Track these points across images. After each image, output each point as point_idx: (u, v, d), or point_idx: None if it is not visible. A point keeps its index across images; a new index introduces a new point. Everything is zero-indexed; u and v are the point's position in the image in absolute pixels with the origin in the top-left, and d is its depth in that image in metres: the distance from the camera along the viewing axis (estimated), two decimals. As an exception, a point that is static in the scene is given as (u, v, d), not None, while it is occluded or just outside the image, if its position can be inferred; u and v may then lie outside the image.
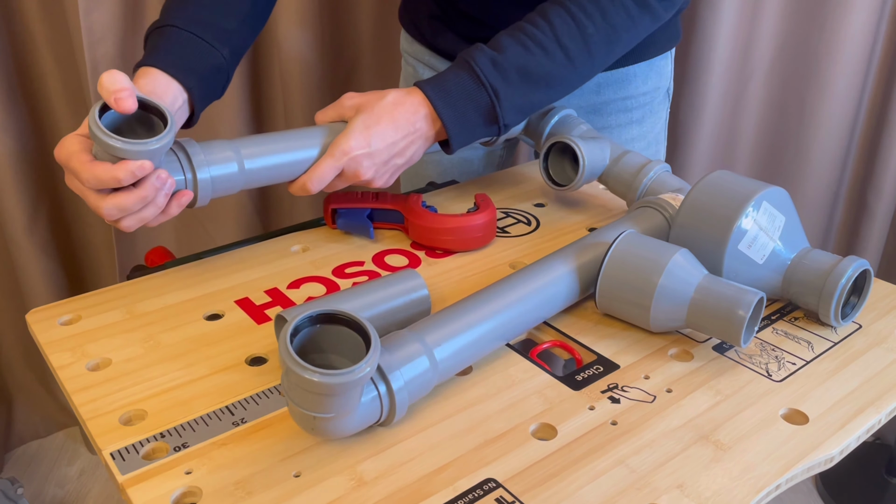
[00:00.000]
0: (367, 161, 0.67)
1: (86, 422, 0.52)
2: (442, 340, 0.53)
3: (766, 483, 0.47)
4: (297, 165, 0.67)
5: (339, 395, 0.45)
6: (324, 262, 0.72)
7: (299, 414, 0.47)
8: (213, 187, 0.62)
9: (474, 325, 0.56)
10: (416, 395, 0.52)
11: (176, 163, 0.61)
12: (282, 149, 0.66)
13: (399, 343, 0.52)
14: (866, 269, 0.62)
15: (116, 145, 0.54)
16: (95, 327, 0.62)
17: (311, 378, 0.43)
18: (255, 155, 0.65)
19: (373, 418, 0.50)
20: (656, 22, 0.75)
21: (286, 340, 0.44)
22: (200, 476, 0.47)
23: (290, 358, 0.44)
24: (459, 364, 0.55)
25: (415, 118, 0.68)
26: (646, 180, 0.75)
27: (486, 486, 0.47)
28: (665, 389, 0.55)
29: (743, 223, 0.60)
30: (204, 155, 0.62)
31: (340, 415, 0.46)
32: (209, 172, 0.61)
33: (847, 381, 0.56)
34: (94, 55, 1.17)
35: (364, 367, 0.44)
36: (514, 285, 0.60)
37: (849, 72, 1.28)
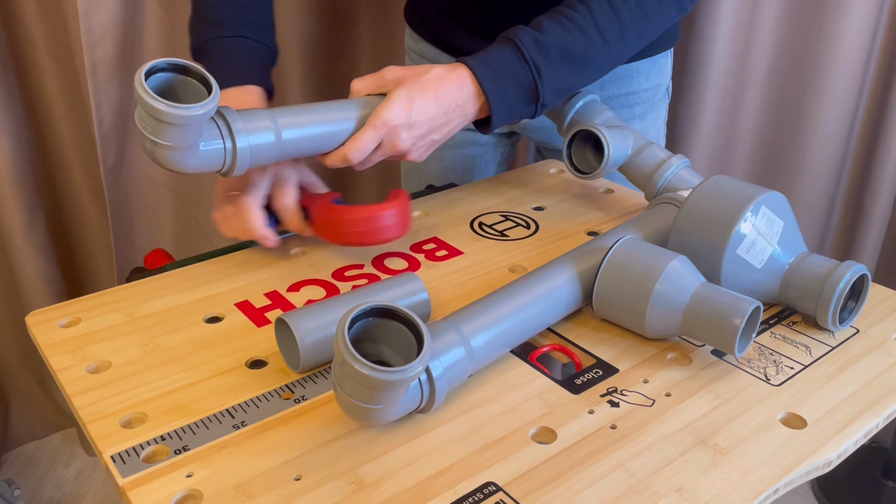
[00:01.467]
0: (405, 133, 0.67)
1: (86, 424, 0.52)
2: (477, 331, 0.55)
3: (765, 487, 0.47)
4: (333, 137, 0.67)
5: (391, 391, 0.46)
6: (323, 266, 0.72)
7: (348, 403, 0.48)
8: (251, 156, 0.62)
9: (507, 316, 0.57)
10: (454, 383, 0.53)
11: (215, 129, 0.60)
12: (319, 120, 0.66)
13: (436, 332, 0.53)
14: (864, 274, 0.62)
15: (162, 108, 0.54)
16: (95, 330, 0.62)
17: (367, 374, 0.44)
18: (292, 125, 0.64)
19: (413, 405, 0.51)
20: (682, 12, 0.77)
21: (344, 332, 0.45)
22: (201, 479, 0.47)
23: (347, 351, 0.44)
24: (492, 354, 0.57)
25: (459, 93, 0.68)
26: (667, 174, 0.75)
27: (487, 490, 0.47)
28: (664, 393, 0.56)
29: (741, 228, 0.61)
30: (243, 122, 0.61)
31: (389, 406, 0.48)
32: (248, 141, 0.61)
33: (845, 385, 0.57)
34: (94, 56, 1.17)
35: (417, 367, 0.45)
36: (539, 281, 0.61)
37: (846, 76, 1.29)
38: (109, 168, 1.26)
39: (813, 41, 1.28)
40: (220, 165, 0.62)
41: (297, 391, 0.55)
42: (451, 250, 0.76)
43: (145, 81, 0.54)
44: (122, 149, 1.26)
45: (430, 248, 0.76)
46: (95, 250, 1.41)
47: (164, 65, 0.56)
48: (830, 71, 1.28)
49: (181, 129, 0.56)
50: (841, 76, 1.29)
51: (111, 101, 1.21)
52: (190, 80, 0.57)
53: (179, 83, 0.57)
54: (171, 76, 0.57)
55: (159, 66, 0.56)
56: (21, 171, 1.27)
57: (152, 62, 0.55)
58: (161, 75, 0.56)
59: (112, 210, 1.29)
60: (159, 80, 0.56)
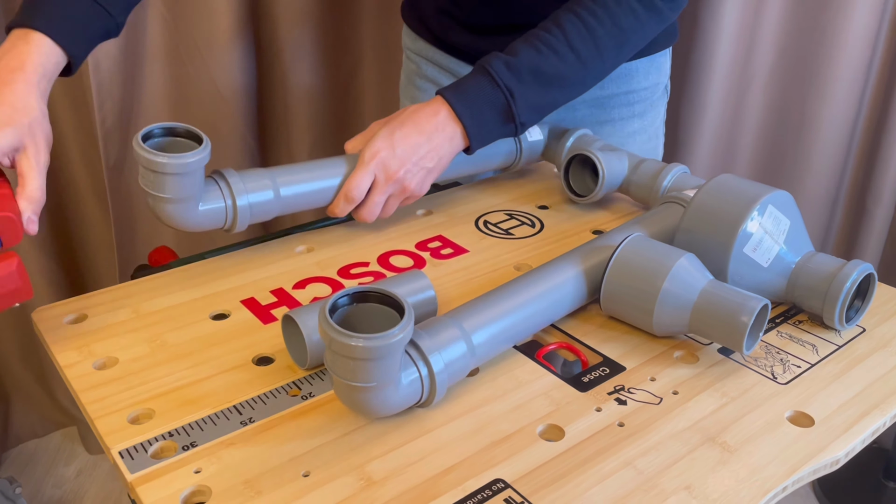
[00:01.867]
0: (393, 162, 0.71)
1: (94, 420, 0.52)
2: (479, 327, 0.55)
3: (773, 485, 0.47)
4: (330, 191, 0.72)
5: (377, 360, 0.46)
6: (329, 263, 0.72)
7: (343, 388, 0.49)
8: (251, 213, 0.67)
9: (509, 312, 0.57)
10: (455, 378, 0.53)
11: (217, 191, 0.66)
12: (315, 176, 0.71)
13: (438, 327, 0.53)
14: (870, 274, 0.62)
15: (155, 159, 0.59)
16: (101, 326, 0.62)
17: (351, 343, 0.45)
18: (290, 182, 0.69)
19: (414, 398, 0.51)
20: (663, 23, 0.77)
21: (325, 313, 0.46)
22: (209, 475, 0.47)
23: (330, 327, 0.45)
24: (494, 350, 0.57)
25: (436, 119, 0.72)
26: (666, 180, 0.77)
27: (495, 487, 0.47)
28: (671, 391, 0.56)
29: (748, 226, 0.61)
30: (242, 182, 0.66)
31: (381, 384, 0.48)
32: (248, 199, 0.66)
33: (852, 384, 0.57)
34: (97, 54, 1.17)
35: (398, 333, 0.45)
36: (542, 278, 0.61)
37: (849, 77, 1.29)
38: (112, 166, 1.26)
39: (816, 42, 1.28)
40: (222, 222, 0.67)
41: (305, 388, 0.55)
42: (456, 248, 0.76)
43: (143, 143, 0.60)
44: (124, 146, 1.26)
45: (436, 247, 0.76)
46: (97, 248, 1.41)
47: (159, 130, 0.63)
48: (833, 72, 1.28)
49: (177, 180, 0.61)
50: (844, 77, 1.29)
51: (114, 99, 1.21)
52: (185, 141, 0.63)
53: (175, 144, 0.63)
54: (167, 139, 0.63)
55: (155, 133, 0.62)
56: (23, 169, 1.26)
57: (148, 127, 0.62)
58: (158, 140, 0.62)
59: (114, 208, 1.29)
60: (157, 143, 0.62)
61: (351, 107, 1.39)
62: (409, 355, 0.51)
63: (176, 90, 1.27)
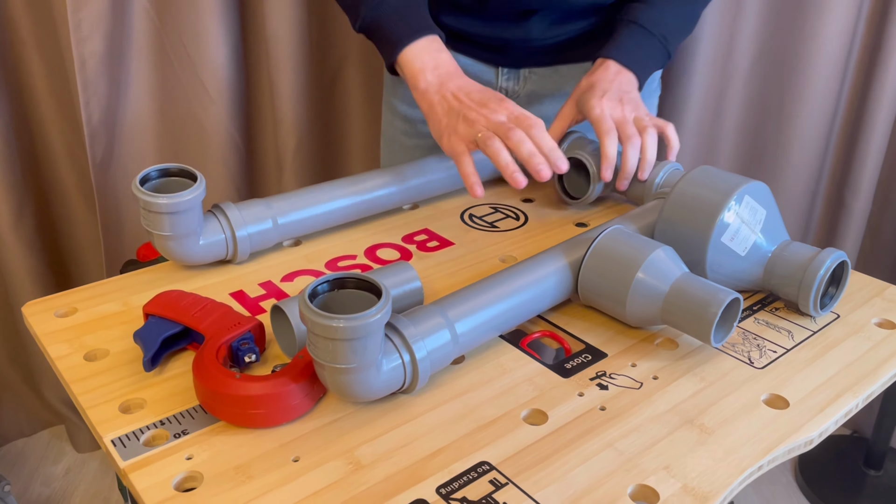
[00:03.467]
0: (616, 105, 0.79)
1: (86, 410, 0.53)
2: (462, 316, 0.56)
3: (749, 464, 0.49)
4: (325, 216, 0.75)
5: (356, 340, 0.47)
6: (316, 256, 0.73)
7: (325, 371, 0.50)
8: (250, 243, 0.70)
9: (492, 303, 0.58)
10: (438, 366, 0.55)
11: (216, 224, 0.68)
12: (309, 202, 0.74)
13: (423, 316, 0.54)
14: (844, 261, 0.64)
15: (151, 200, 0.62)
16: (92, 319, 0.63)
17: (330, 324, 0.46)
18: (286, 211, 0.72)
19: (396, 384, 0.52)
20: None
21: (305, 299, 0.47)
22: (201, 462, 0.48)
23: (310, 310, 0.47)
24: (477, 339, 0.58)
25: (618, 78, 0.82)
26: (658, 179, 0.78)
27: (480, 469, 0.48)
28: (651, 376, 0.57)
29: (726, 216, 0.62)
30: (241, 215, 0.69)
31: (361, 365, 0.49)
32: (247, 231, 0.69)
33: (826, 368, 0.59)
34: (82, 52, 1.17)
35: (375, 313, 0.47)
36: (528, 270, 0.62)
37: (827, 74, 1.31)
38: (98, 164, 1.26)
39: (794, 40, 1.31)
40: (224, 254, 0.69)
41: (294, 377, 0.56)
42: (442, 241, 0.77)
43: (141, 186, 0.63)
44: (110, 145, 1.27)
45: (422, 240, 0.77)
46: (84, 246, 1.41)
47: (155, 172, 0.65)
48: (812, 68, 1.31)
49: (176, 218, 0.63)
50: (822, 74, 1.31)
51: (100, 97, 1.21)
52: (180, 180, 0.65)
53: (171, 183, 0.65)
54: (163, 180, 0.65)
55: (152, 175, 0.65)
56: (9, 168, 1.26)
57: (144, 171, 0.65)
58: (155, 182, 0.65)
59: (101, 206, 1.29)
60: (154, 184, 0.65)
61: (337, 104, 1.40)
62: (392, 342, 0.52)
63: (162, 88, 1.28)
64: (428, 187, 0.82)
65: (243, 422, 0.51)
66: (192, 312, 0.57)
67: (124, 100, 1.25)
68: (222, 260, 0.70)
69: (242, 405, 0.50)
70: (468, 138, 0.71)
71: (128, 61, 1.23)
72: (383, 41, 0.79)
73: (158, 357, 0.56)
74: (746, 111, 1.39)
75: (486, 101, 0.73)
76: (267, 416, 0.50)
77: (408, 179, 0.80)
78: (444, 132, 0.74)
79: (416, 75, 0.77)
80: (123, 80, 1.24)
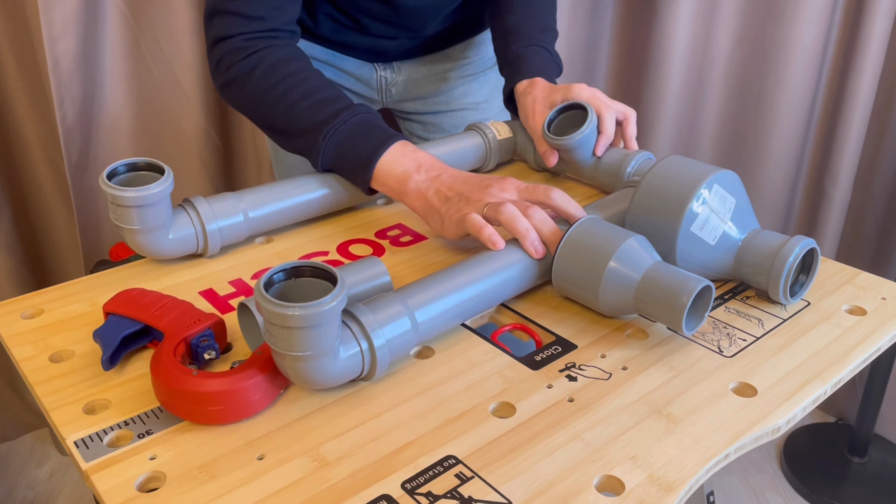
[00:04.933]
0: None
1: (49, 412, 0.52)
2: (424, 303, 0.56)
3: (715, 452, 0.49)
4: (297, 208, 0.74)
5: (311, 328, 0.47)
6: (288, 253, 0.72)
7: (282, 359, 0.49)
8: (221, 237, 0.69)
9: (455, 290, 0.58)
10: (398, 353, 0.55)
11: (186, 218, 0.68)
12: (281, 196, 0.73)
13: (382, 304, 0.54)
14: (813, 248, 0.64)
15: (118, 193, 0.62)
16: (58, 320, 0.62)
17: (285, 312, 0.46)
18: (257, 204, 0.72)
19: (354, 372, 0.52)
20: None
21: (260, 288, 0.47)
22: (164, 461, 0.48)
23: (265, 299, 0.47)
24: (439, 327, 0.58)
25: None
26: (629, 168, 0.79)
27: (446, 463, 0.48)
28: (621, 367, 0.57)
29: (694, 206, 0.62)
30: (211, 209, 0.69)
31: (317, 353, 0.48)
32: (217, 224, 0.69)
33: (795, 355, 0.59)
34: (55, 52, 1.16)
35: (330, 301, 0.47)
36: (492, 258, 0.62)
37: (805, 62, 1.31)
38: (74, 164, 1.25)
39: (772, 29, 1.31)
40: (194, 248, 0.69)
41: (261, 374, 0.56)
42: (415, 236, 0.76)
43: (108, 181, 0.63)
44: (86, 144, 1.25)
45: (395, 234, 0.77)
46: (63, 246, 1.40)
47: (123, 167, 0.65)
48: (790, 56, 1.31)
49: (143, 211, 0.63)
50: (800, 63, 1.31)
51: (74, 96, 1.20)
52: (148, 174, 0.65)
53: (139, 177, 0.65)
54: (131, 174, 0.65)
55: (120, 170, 0.64)
56: (-16, 169, 1.25)
57: (112, 165, 0.64)
58: (123, 176, 0.65)
59: (78, 206, 1.28)
60: (122, 179, 0.65)
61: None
62: (350, 330, 0.52)
63: (137, 87, 1.27)
64: None
65: (203, 419, 0.50)
66: (152, 310, 0.57)
67: (99, 99, 1.24)
68: (193, 254, 0.70)
69: (200, 402, 0.49)
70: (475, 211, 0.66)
71: (101, 60, 1.22)
72: (353, 164, 0.73)
73: (118, 356, 0.56)
74: (725, 101, 1.39)
75: (489, 183, 0.68)
76: (225, 412, 0.50)
77: None
78: (446, 218, 0.68)
79: (401, 180, 0.71)
80: (98, 79, 1.23)
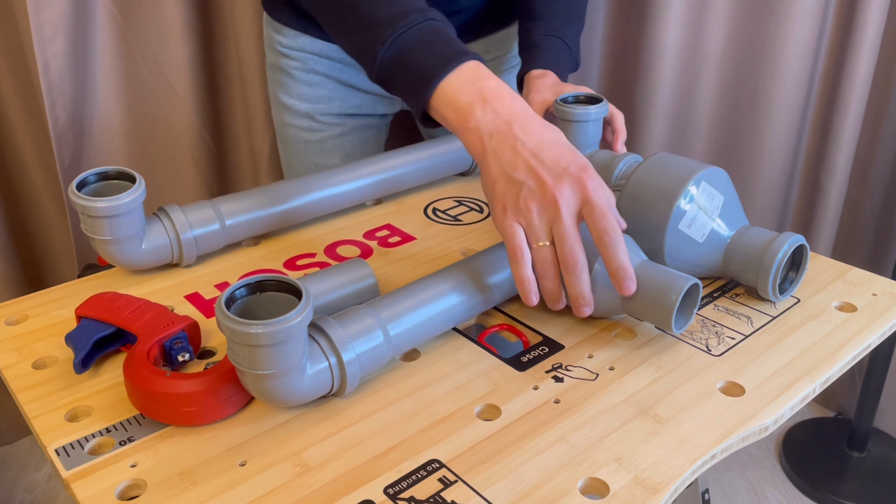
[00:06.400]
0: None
1: (31, 420, 0.52)
2: (397, 316, 0.55)
3: (702, 453, 0.49)
4: (275, 216, 0.73)
5: (274, 345, 0.46)
6: (275, 255, 0.72)
7: (246, 377, 0.49)
8: (196, 245, 0.68)
9: (431, 301, 0.57)
10: (369, 368, 0.53)
11: (160, 227, 0.67)
12: (258, 204, 0.72)
13: (354, 317, 0.53)
14: (802, 245, 0.63)
15: (87, 204, 0.61)
16: (42, 326, 0.62)
17: (247, 330, 0.45)
18: (234, 212, 0.71)
19: (324, 388, 0.51)
20: None
21: (221, 305, 0.46)
22: (146, 469, 0.47)
23: (225, 317, 0.45)
24: (414, 339, 0.56)
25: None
26: (616, 171, 0.77)
27: (430, 467, 0.48)
28: (608, 367, 0.57)
29: (682, 203, 0.62)
30: (186, 218, 0.67)
31: (282, 371, 0.47)
32: (192, 233, 0.68)
33: (783, 353, 0.58)
34: (45, 54, 1.15)
35: (294, 317, 0.45)
36: (470, 267, 0.61)
37: (799, 55, 1.30)
38: (67, 167, 1.24)
39: (765, 20, 1.30)
40: (169, 257, 0.68)
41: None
42: (404, 236, 0.76)
43: (78, 192, 0.61)
44: (78, 146, 1.25)
45: (384, 235, 0.76)
46: (57, 250, 1.40)
47: (93, 176, 0.63)
48: (783, 51, 1.30)
49: (114, 221, 0.62)
50: (794, 56, 1.30)
51: (65, 100, 1.20)
52: (120, 182, 0.64)
53: (111, 186, 0.64)
54: (102, 184, 0.64)
55: (90, 180, 0.63)
56: (-24, 173, 1.25)
57: (81, 175, 0.63)
58: (94, 186, 0.64)
59: (71, 208, 1.28)
60: (93, 188, 0.64)
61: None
62: (318, 344, 0.51)
63: (129, 88, 1.26)
64: (390, 183, 0.81)
65: (179, 420, 0.50)
66: (125, 313, 0.56)
67: (91, 101, 1.24)
68: (169, 263, 0.69)
69: (173, 403, 0.49)
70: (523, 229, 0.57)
71: (92, 62, 1.22)
72: (411, 81, 0.60)
73: (90, 359, 0.55)
74: (720, 96, 1.38)
75: (558, 174, 0.55)
76: (200, 412, 0.50)
77: (369, 176, 0.79)
78: (498, 201, 0.57)
79: (463, 114, 0.58)
80: (89, 82, 1.22)
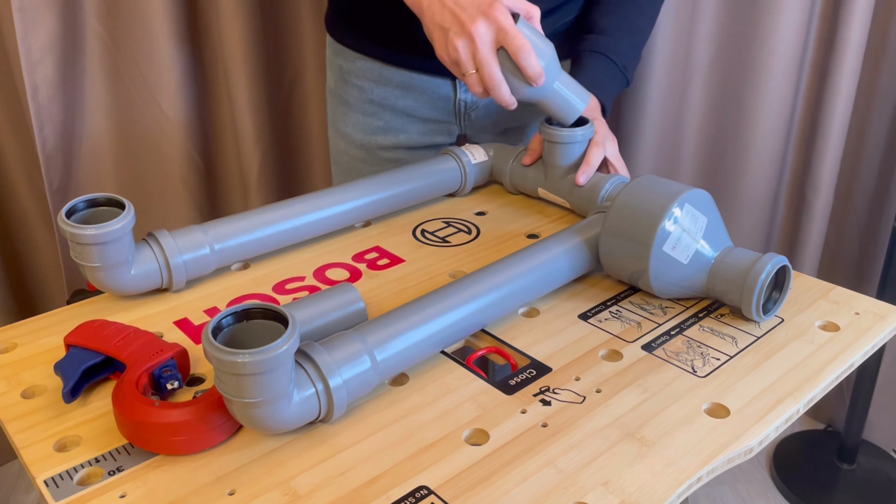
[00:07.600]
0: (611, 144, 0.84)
1: (20, 450, 0.52)
2: (384, 341, 0.55)
3: (688, 476, 0.49)
4: (265, 240, 0.74)
5: (261, 374, 0.46)
6: (264, 279, 0.72)
7: (233, 405, 0.49)
8: (186, 270, 0.68)
9: (417, 325, 0.57)
10: (357, 394, 0.53)
11: (149, 253, 0.67)
12: (248, 227, 0.73)
13: (340, 343, 0.54)
14: (785, 266, 0.64)
15: (76, 231, 0.61)
16: (32, 354, 0.62)
17: (234, 359, 0.45)
18: (223, 237, 0.71)
19: (311, 415, 0.51)
20: None
21: (207, 334, 0.46)
22: (134, 499, 0.48)
23: (211, 346, 0.46)
24: (402, 364, 0.57)
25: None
26: (602, 192, 0.78)
27: (418, 494, 0.48)
28: (595, 390, 0.57)
29: (666, 225, 0.63)
30: (175, 243, 0.68)
31: (269, 399, 0.48)
32: (181, 258, 0.68)
33: (768, 373, 0.59)
34: (34, 78, 1.16)
35: (281, 345, 0.46)
36: (457, 291, 0.61)
37: (783, 71, 1.32)
38: (56, 189, 1.24)
39: (749, 37, 1.32)
40: (158, 283, 0.68)
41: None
42: (392, 259, 0.77)
43: (67, 219, 0.62)
44: (67, 169, 1.25)
45: (373, 258, 0.77)
46: (46, 272, 1.39)
47: (82, 203, 0.64)
48: (768, 66, 1.32)
49: (104, 248, 0.62)
50: (778, 72, 1.32)
51: (54, 122, 1.20)
52: (108, 209, 0.64)
53: (99, 213, 0.64)
54: (91, 210, 0.64)
55: (79, 207, 0.64)
56: (-35, 196, 1.25)
57: (70, 203, 0.63)
58: (83, 213, 0.64)
59: (60, 232, 1.28)
60: (82, 216, 0.64)
61: (296, 114, 1.40)
62: (305, 371, 0.51)
63: (118, 111, 1.27)
64: (379, 205, 0.82)
65: (167, 450, 0.50)
66: (114, 341, 0.56)
67: (79, 124, 1.24)
68: (159, 289, 0.69)
69: (162, 433, 0.49)
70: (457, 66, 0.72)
71: (81, 85, 1.22)
72: None
73: (79, 388, 0.55)
74: (706, 114, 1.40)
75: (472, 14, 0.70)
76: (189, 442, 0.50)
77: (358, 198, 0.80)
78: (437, 46, 0.73)
79: None
80: (78, 104, 1.23)
